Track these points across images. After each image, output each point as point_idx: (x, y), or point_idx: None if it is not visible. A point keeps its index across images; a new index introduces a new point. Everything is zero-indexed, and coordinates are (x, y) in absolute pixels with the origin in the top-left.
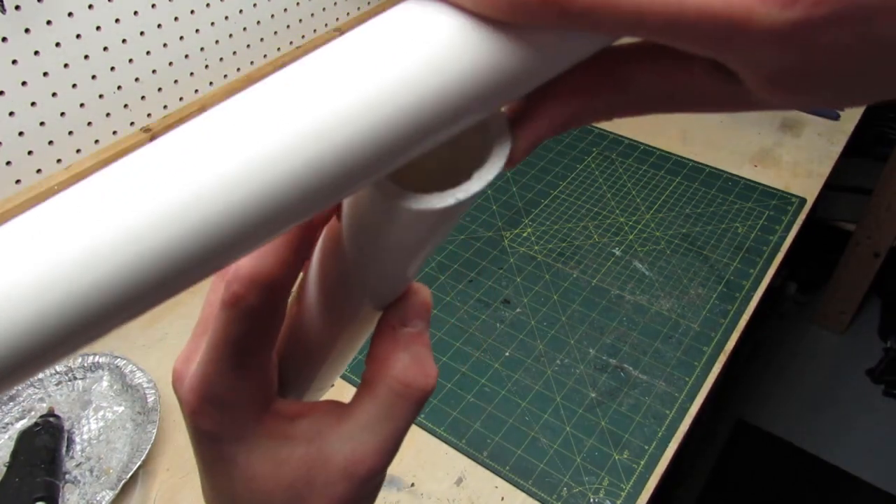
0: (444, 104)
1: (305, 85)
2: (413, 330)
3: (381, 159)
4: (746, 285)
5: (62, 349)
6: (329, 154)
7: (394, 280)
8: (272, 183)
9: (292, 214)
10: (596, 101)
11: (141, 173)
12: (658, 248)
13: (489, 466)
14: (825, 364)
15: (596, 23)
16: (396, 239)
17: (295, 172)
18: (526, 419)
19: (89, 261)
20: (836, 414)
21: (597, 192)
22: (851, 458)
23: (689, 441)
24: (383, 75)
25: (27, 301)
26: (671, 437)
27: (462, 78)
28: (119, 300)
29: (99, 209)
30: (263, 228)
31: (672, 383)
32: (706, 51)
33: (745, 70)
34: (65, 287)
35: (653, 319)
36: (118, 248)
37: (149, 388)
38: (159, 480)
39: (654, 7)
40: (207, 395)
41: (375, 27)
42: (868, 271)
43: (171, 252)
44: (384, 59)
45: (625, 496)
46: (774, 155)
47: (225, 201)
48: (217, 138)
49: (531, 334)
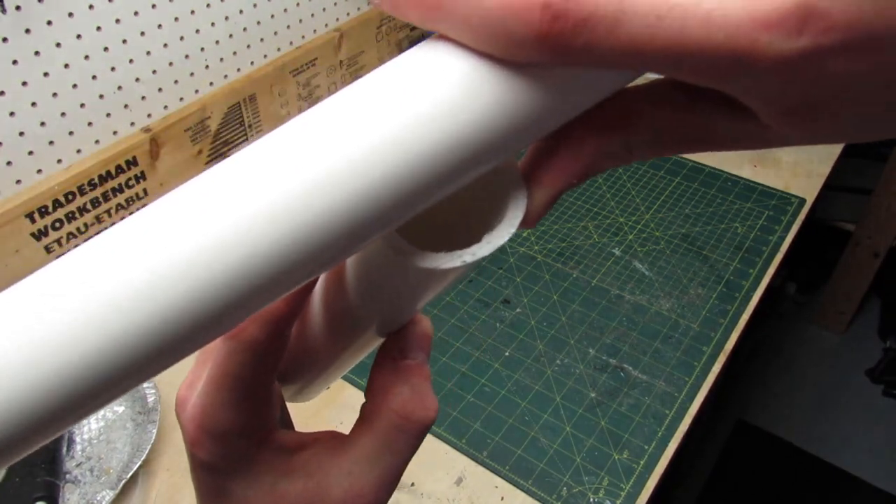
0: (458, 143)
1: (314, 137)
2: (413, 362)
3: (394, 208)
4: (746, 285)
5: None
6: (340, 204)
7: (397, 318)
8: (280, 240)
9: (301, 270)
10: (612, 144)
11: (161, 223)
12: (658, 248)
13: (489, 466)
14: (825, 364)
15: (598, 58)
16: (401, 289)
17: (302, 226)
18: (526, 419)
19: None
20: (836, 414)
21: (596, 192)
22: (851, 458)
23: (688, 441)
24: (394, 121)
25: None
26: (671, 437)
27: (475, 118)
28: (133, 360)
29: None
30: (266, 287)
31: (672, 383)
32: (714, 84)
33: (757, 104)
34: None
35: (653, 319)
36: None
37: (149, 388)
38: (159, 480)
39: (655, 42)
40: (206, 427)
41: (387, 73)
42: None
43: (188, 308)
44: (393, 106)
45: (624, 496)
46: (774, 155)
47: (238, 254)
48: (226, 191)
49: (531, 334)
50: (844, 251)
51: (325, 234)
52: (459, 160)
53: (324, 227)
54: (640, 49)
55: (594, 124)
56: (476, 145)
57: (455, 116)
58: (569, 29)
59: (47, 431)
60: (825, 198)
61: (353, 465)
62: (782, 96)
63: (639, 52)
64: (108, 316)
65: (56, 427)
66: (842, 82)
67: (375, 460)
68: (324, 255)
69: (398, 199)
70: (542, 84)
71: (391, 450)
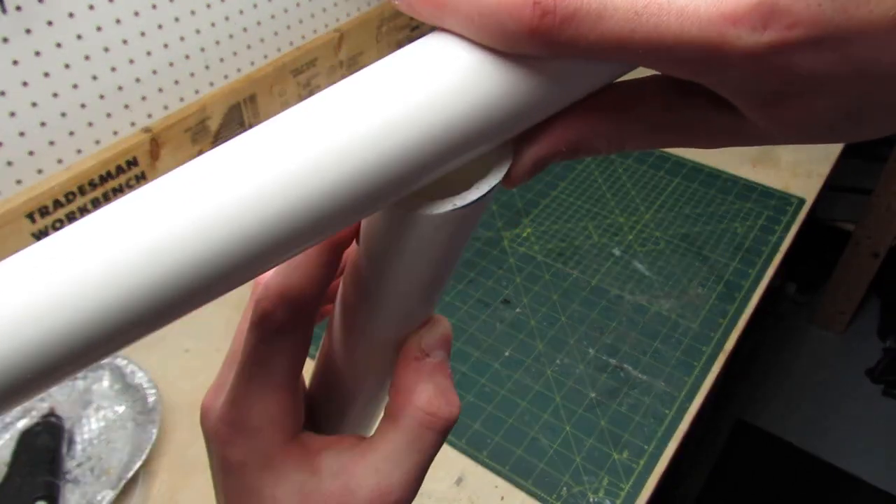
0: (462, 128)
1: (333, 111)
2: (435, 360)
3: (404, 178)
4: (746, 285)
5: (87, 358)
6: (360, 172)
7: (407, 299)
8: (305, 196)
9: (321, 227)
10: (602, 127)
11: (189, 182)
12: (658, 248)
13: (489, 466)
14: (825, 364)
15: (584, 50)
16: (403, 247)
17: (325, 186)
18: (526, 419)
19: (146, 260)
20: (835, 414)
21: (596, 193)
22: (851, 458)
23: (688, 441)
24: (407, 101)
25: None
26: (671, 437)
27: (478, 100)
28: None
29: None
30: (300, 237)
31: (672, 383)
32: (693, 76)
33: (734, 96)
34: (96, 296)
35: (652, 319)
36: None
37: (149, 388)
38: (160, 480)
39: (635, 36)
40: (236, 421)
41: (399, 59)
42: (867, 271)
43: (210, 258)
44: (406, 88)
45: (624, 496)
46: (774, 155)
47: (267, 207)
48: (253, 154)
49: (531, 334)
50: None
51: (352, 194)
52: (464, 136)
53: (351, 187)
54: (621, 42)
55: (590, 105)
56: (479, 123)
57: (462, 96)
58: (556, 24)
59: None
60: (825, 198)
61: (380, 462)
62: (756, 88)
63: (621, 44)
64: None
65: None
66: (811, 74)
67: (402, 458)
68: (347, 212)
69: (412, 166)
70: (539, 73)
71: (417, 447)
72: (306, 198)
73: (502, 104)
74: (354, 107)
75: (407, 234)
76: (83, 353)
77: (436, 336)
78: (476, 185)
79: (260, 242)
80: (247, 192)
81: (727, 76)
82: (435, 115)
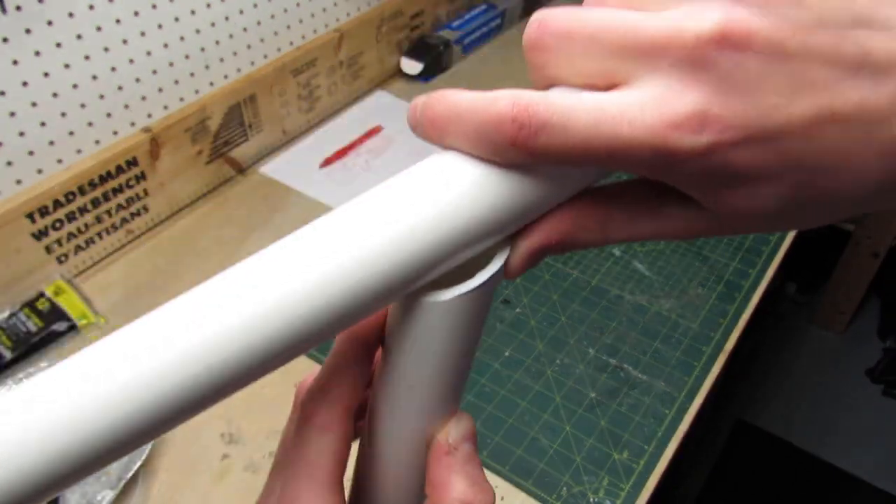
0: (466, 230)
1: (350, 228)
2: (464, 452)
3: (420, 272)
4: (746, 285)
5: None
6: (387, 268)
7: (428, 389)
8: (340, 295)
9: (353, 314)
10: (586, 220)
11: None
12: (658, 247)
13: (489, 466)
14: (825, 364)
15: (556, 155)
16: (417, 335)
17: (365, 277)
18: (526, 419)
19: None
20: (835, 414)
21: None
22: (851, 458)
23: (688, 441)
24: (418, 212)
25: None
26: (671, 437)
27: (476, 209)
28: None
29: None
30: (336, 321)
31: (672, 383)
32: (651, 174)
33: (690, 190)
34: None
35: (652, 319)
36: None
37: None
38: (160, 480)
39: (596, 142)
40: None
41: (413, 173)
42: (867, 271)
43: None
44: (414, 202)
45: (624, 496)
46: None
47: (307, 306)
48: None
49: (531, 334)
50: (844, 251)
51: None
52: (466, 237)
53: (383, 277)
54: (585, 147)
55: (575, 202)
56: (480, 225)
57: (464, 204)
58: (532, 134)
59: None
60: None
61: None
62: (706, 181)
63: (585, 150)
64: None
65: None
66: (749, 166)
67: None
68: (380, 298)
69: (433, 259)
70: (527, 180)
71: None
72: (353, 287)
73: (498, 208)
74: (379, 218)
75: (420, 321)
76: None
77: (462, 430)
78: (478, 274)
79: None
80: (316, 277)
81: (680, 172)
82: (443, 222)
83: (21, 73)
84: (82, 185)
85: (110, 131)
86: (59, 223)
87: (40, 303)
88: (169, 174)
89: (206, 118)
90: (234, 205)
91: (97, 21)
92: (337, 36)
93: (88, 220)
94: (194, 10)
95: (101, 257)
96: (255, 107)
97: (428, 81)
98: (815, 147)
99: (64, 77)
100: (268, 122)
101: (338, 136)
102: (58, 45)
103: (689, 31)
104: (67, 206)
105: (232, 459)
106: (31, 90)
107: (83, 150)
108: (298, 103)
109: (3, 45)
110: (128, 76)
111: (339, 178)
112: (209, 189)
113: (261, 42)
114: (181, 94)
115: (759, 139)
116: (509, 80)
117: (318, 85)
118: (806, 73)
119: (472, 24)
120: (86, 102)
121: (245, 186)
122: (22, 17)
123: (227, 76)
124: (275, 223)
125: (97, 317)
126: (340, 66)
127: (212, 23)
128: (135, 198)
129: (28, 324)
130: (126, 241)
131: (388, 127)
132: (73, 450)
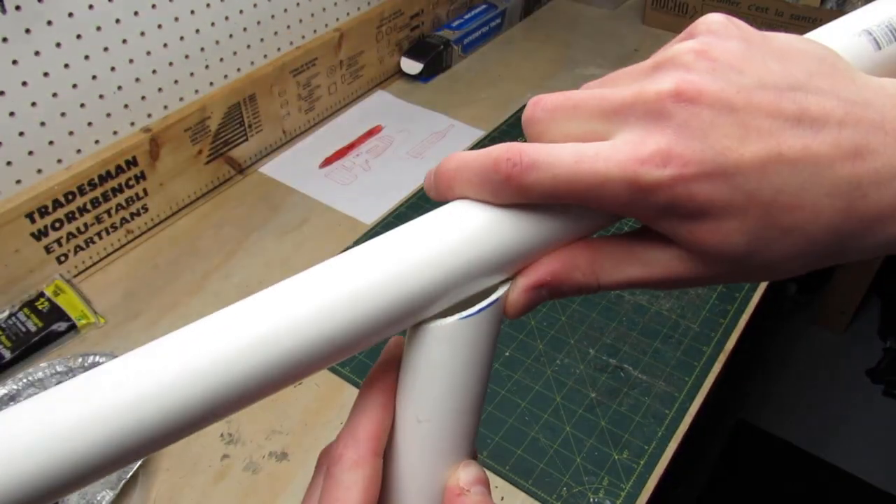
0: (474, 266)
1: (388, 256)
2: (477, 494)
3: (433, 299)
4: (746, 285)
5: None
6: (402, 294)
7: (439, 422)
8: (358, 315)
9: (361, 339)
10: (578, 260)
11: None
12: None
13: (489, 466)
14: (825, 364)
15: (546, 191)
16: (422, 363)
17: (383, 303)
18: (526, 419)
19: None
20: (836, 414)
21: None
22: (851, 458)
23: (689, 441)
24: (429, 247)
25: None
26: (671, 437)
27: (481, 247)
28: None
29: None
30: (345, 346)
31: (672, 383)
32: (628, 211)
33: (659, 224)
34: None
35: (652, 319)
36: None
37: None
38: (159, 480)
39: (578, 177)
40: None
41: (427, 220)
42: (868, 271)
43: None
44: (425, 239)
45: (624, 496)
46: None
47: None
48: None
49: (531, 334)
50: None
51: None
52: (469, 270)
53: (399, 305)
54: (569, 183)
55: (567, 246)
56: (486, 259)
57: (479, 242)
58: (524, 171)
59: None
60: None
61: None
62: (673, 213)
63: (569, 185)
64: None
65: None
66: (711, 200)
67: None
68: (393, 323)
69: (441, 288)
70: (525, 224)
71: None
72: (372, 308)
73: (498, 247)
74: (392, 255)
75: (425, 348)
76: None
77: (472, 474)
78: (477, 304)
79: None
80: (337, 299)
81: (652, 205)
82: (449, 256)
83: (21, 72)
84: (82, 185)
85: (110, 131)
86: (58, 223)
87: (40, 303)
88: (169, 174)
89: (206, 118)
90: (234, 204)
91: (97, 21)
92: (337, 36)
93: (88, 220)
94: (194, 9)
95: (101, 257)
96: (255, 106)
97: (428, 81)
98: (769, 184)
99: (63, 77)
100: (267, 121)
101: (337, 136)
102: (57, 44)
103: (651, 91)
104: (67, 206)
105: (232, 459)
106: (31, 90)
107: (83, 149)
108: (298, 103)
109: (3, 45)
110: (127, 76)
111: (338, 177)
112: (209, 189)
113: (261, 42)
114: (181, 93)
115: (717, 174)
116: (509, 79)
117: (317, 85)
118: (752, 122)
119: (472, 23)
120: (85, 102)
121: (245, 186)
122: (22, 17)
123: (227, 76)
124: (274, 223)
125: (97, 317)
126: (340, 65)
127: (212, 23)
128: (134, 198)
129: (28, 324)
130: (126, 241)
131: (388, 127)
132: (89, 455)
